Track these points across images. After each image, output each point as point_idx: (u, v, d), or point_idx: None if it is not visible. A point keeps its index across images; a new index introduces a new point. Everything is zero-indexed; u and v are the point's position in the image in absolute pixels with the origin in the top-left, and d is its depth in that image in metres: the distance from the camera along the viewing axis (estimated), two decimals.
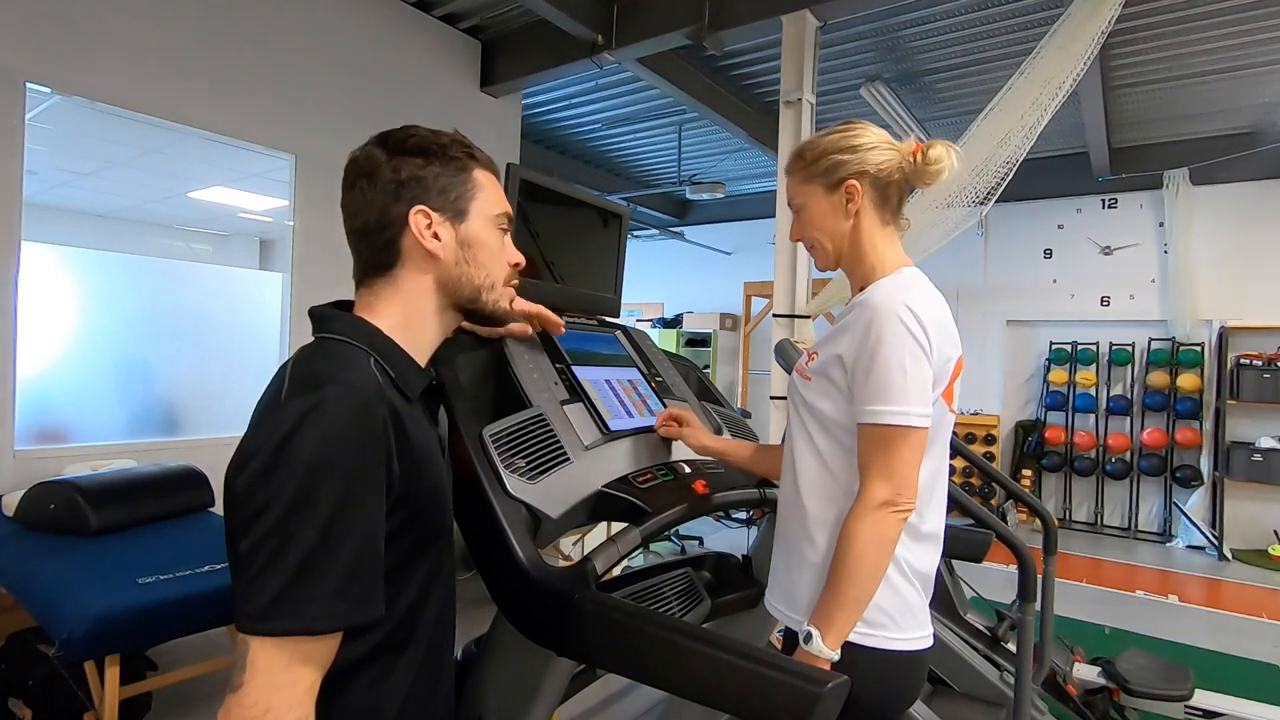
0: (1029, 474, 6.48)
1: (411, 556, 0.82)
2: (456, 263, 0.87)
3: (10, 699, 2.21)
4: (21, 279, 2.84)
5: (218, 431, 3.53)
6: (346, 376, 0.75)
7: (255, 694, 0.66)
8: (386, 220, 0.84)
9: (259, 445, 0.70)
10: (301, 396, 0.72)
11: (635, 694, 2.10)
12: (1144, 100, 5.10)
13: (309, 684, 0.69)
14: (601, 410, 1.30)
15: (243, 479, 0.70)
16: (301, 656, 0.68)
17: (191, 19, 3.31)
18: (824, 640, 0.99)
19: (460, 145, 0.88)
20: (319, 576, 0.68)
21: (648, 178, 7.61)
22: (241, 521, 0.69)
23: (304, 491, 0.68)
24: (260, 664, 0.66)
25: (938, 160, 1.12)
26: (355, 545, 0.70)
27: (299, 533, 0.67)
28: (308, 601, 0.67)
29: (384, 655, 0.80)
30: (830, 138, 1.14)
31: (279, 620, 0.66)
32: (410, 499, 0.79)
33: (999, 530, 1.95)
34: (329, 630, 0.70)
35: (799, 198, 1.17)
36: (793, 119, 3.47)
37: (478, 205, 0.89)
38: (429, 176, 0.85)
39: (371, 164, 0.84)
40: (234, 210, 6.41)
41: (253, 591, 0.67)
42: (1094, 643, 3.38)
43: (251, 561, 0.68)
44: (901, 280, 1.10)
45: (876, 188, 1.13)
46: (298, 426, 0.69)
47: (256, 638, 0.67)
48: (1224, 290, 5.83)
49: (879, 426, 1.01)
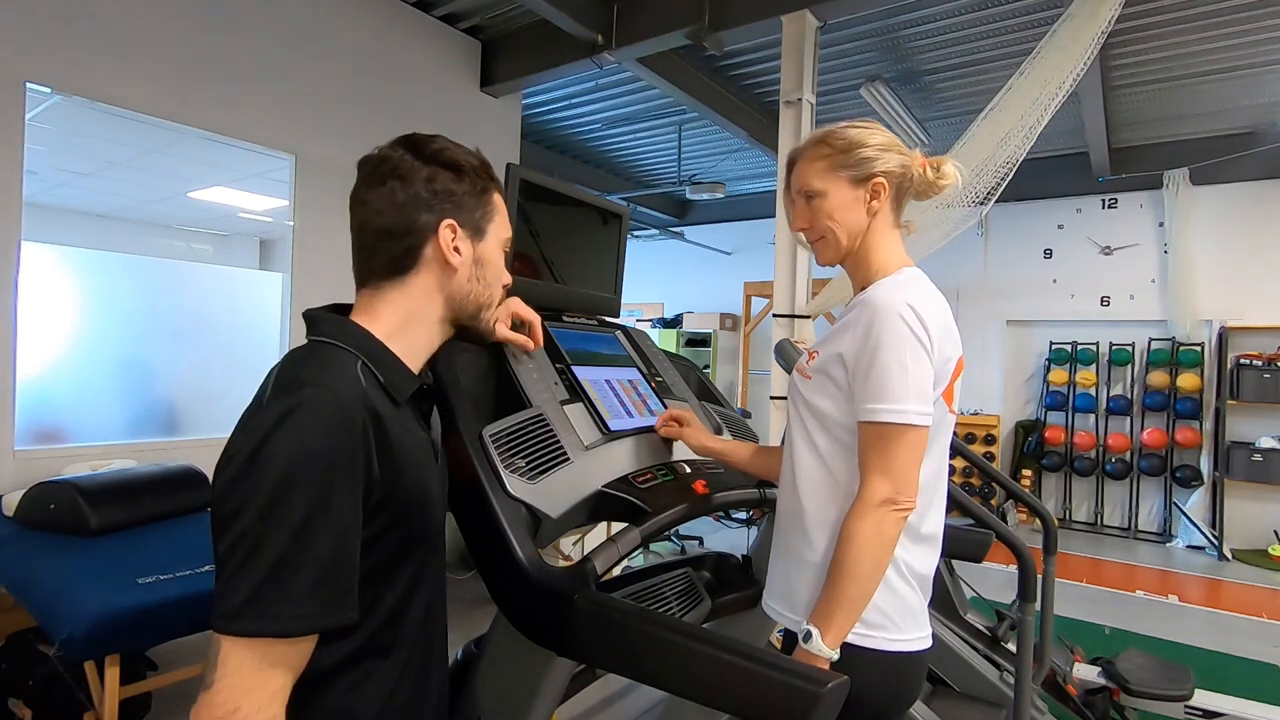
0: (1029, 474, 6.48)
1: (395, 559, 0.82)
2: (469, 279, 0.90)
3: (10, 699, 2.21)
4: (21, 279, 2.84)
5: (217, 431, 3.53)
6: (326, 379, 0.75)
7: (225, 694, 0.66)
8: (415, 227, 0.85)
9: (239, 447, 0.71)
10: (281, 399, 0.73)
11: (635, 694, 2.10)
12: (1144, 100, 5.10)
13: (278, 686, 0.69)
14: (601, 410, 1.30)
15: (222, 480, 0.71)
16: (272, 659, 0.68)
17: (192, 19, 3.31)
18: (823, 639, 0.99)
19: (486, 168, 0.92)
20: (291, 579, 0.68)
21: (648, 178, 7.61)
22: (219, 522, 0.70)
23: (278, 493, 0.68)
24: (231, 664, 0.67)
25: (947, 176, 1.15)
26: (328, 548, 0.70)
27: (272, 535, 0.67)
28: (280, 603, 0.67)
29: (367, 658, 0.80)
30: (858, 132, 1.13)
31: (250, 621, 0.67)
32: (391, 502, 0.79)
33: (999, 530, 1.95)
34: (300, 633, 0.70)
35: (820, 184, 1.14)
36: (793, 119, 3.47)
37: (494, 227, 0.92)
38: (460, 193, 0.87)
39: (406, 168, 0.85)
40: (234, 210, 6.41)
41: (226, 591, 0.67)
42: (1094, 643, 3.38)
43: (227, 561, 0.68)
44: (903, 279, 1.11)
45: (896, 189, 1.14)
46: (275, 428, 0.70)
47: (228, 637, 0.67)
48: (1224, 290, 5.83)
49: (879, 424, 1.01)
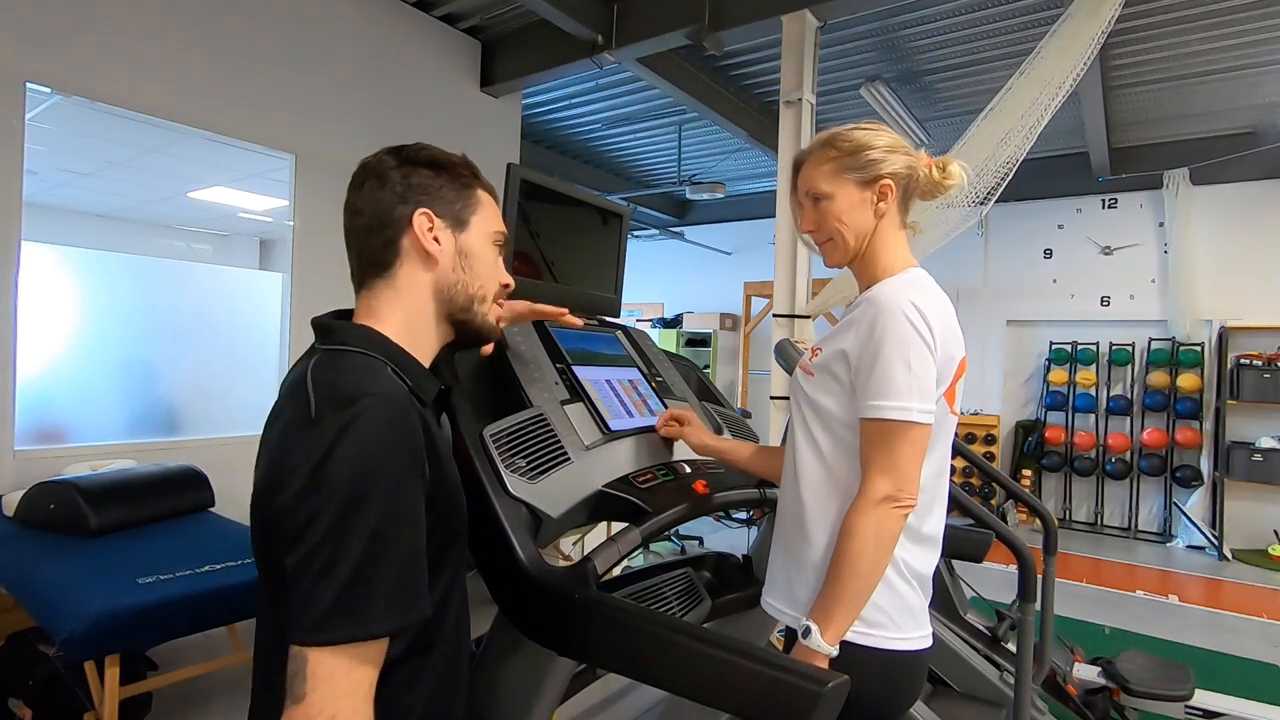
0: (1029, 474, 6.48)
1: (439, 558, 0.84)
2: (454, 269, 0.90)
3: (10, 699, 2.21)
4: (21, 279, 2.84)
5: (218, 431, 3.53)
6: (377, 388, 0.77)
7: (320, 703, 0.67)
8: (390, 219, 0.87)
9: (298, 463, 0.71)
10: (336, 412, 0.73)
11: (635, 694, 2.10)
12: (1144, 100, 5.10)
13: (368, 686, 0.71)
14: (602, 410, 1.30)
15: (285, 497, 0.70)
16: (360, 660, 0.69)
17: (192, 19, 3.31)
18: (823, 635, 0.99)
19: (468, 166, 0.93)
20: (374, 581, 0.69)
21: (648, 178, 7.61)
22: (288, 537, 0.70)
23: (353, 501, 0.69)
24: (322, 673, 0.67)
25: (953, 176, 1.16)
26: (404, 548, 0.72)
27: (351, 541, 0.68)
28: (366, 606, 0.68)
29: (415, 656, 0.81)
30: (864, 134, 1.14)
31: (339, 629, 0.67)
32: (438, 501, 0.81)
33: (999, 530, 1.95)
34: (387, 633, 0.71)
35: (827, 186, 1.14)
36: (793, 119, 3.47)
37: (477, 220, 0.93)
38: (436, 185, 0.89)
39: (382, 168, 0.88)
40: (234, 210, 6.41)
41: (308, 603, 0.67)
42: (1094, 643, 3.38)
43: (303, 574, 0.68)
44: (908, 279, 1.11)
45: (902, 190, 1.15)
46: (338, 440, 0.70)
47: (315, 648, 0.67)
48: (1224, 290, 5.83)
49: (881, 421, 1.01)
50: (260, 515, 0.75)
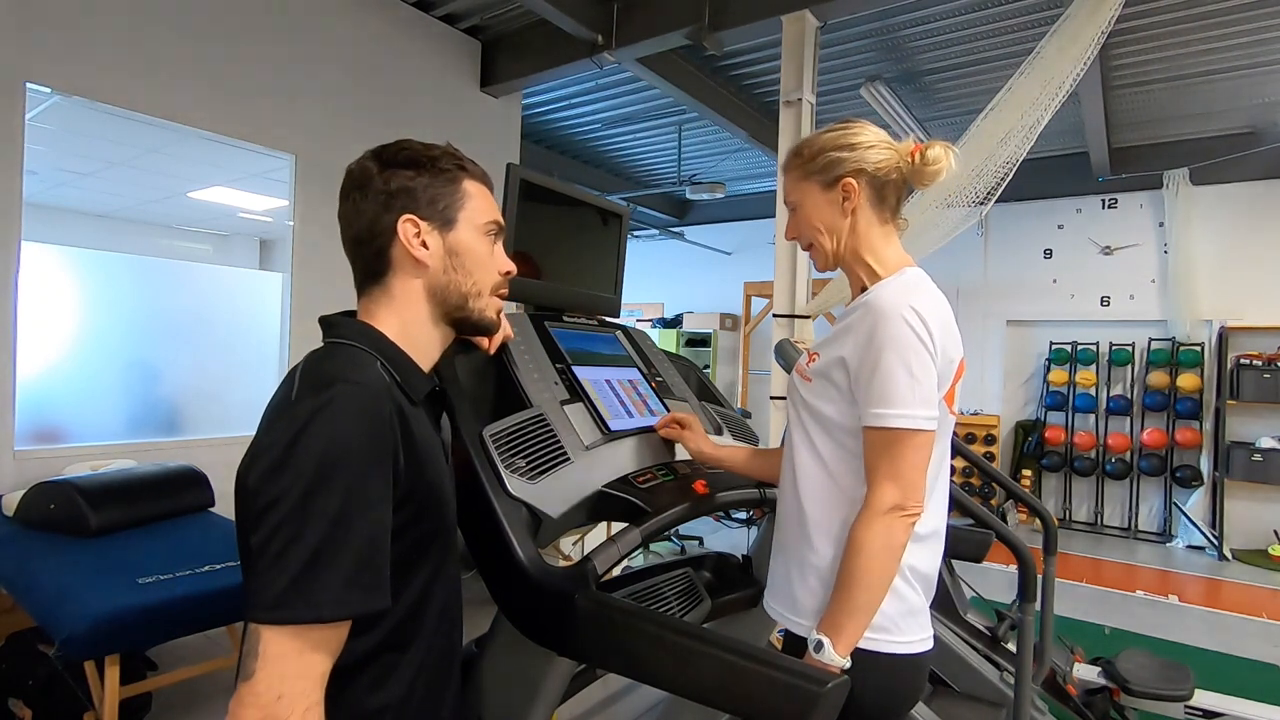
0: (1029, 474, 6.48)
1: (414, 554, 0.84)
2: (444, 270, 0.90)
3: (10, 699, 2.21)
4: (21, 279, 2.84)
5: (218, 431, 3.53)
6: (355, 376, 0.78)
7: (268, 680, 0.67)
8: (377, 230, 0.87)
9: (271, 442, 0.72)
10: (312, 396, 0.75)
11: (635, 694, 2.11)
12: (1144, 100, 5.10)
13: (320, 671, 0.71)
14: (602, 410, 1.30)
15: (255, 474, 0.72)
16: (312, 644, 0.70)
17: (192, 19, 3.31)
18: (834, 648, 0.98)
19: (451, 157, 0.91)
20: (330, 566, 0.69)
21: (648, 178, 7.61)
22: (254, 515, 0.71)
23: (316, 484, 0.70)
24: (272, 652, 0.68)
25: (936, 161, 1.12)
26: (365, 536, 0.72)
27: (311, 524, 0.69)
28: (319, 590, 0.69)
29: (386, 653, 0.82)
30: (828, 135, 1.14)
31: (291, 609, 0.68)
32: (414, 496, 0.81)
33: (999, 530, 1.95)
34: (339, 618, 0.71)
35: (795, 195, 1.17)
36: (793, 119, 3.47)
37: (466, 214, 0.91)
38: (418, 187, 0.88)
39: (364, 176, 0.88)
40: (234, 210, 6.41)
41: (265, 582, 0.68)
42: (1094, 643, 3.38)
43: (264, 553, 0.69)
44: (905, 281, 1.10)
45: (873, 186, 1.12)
46: (309, 422, 0.72)
47: (268, 626, 0.68)
48: (1224, 290, 5.83)
49: (885, 430, 1.00)
50: (239, 494, 0.76)
